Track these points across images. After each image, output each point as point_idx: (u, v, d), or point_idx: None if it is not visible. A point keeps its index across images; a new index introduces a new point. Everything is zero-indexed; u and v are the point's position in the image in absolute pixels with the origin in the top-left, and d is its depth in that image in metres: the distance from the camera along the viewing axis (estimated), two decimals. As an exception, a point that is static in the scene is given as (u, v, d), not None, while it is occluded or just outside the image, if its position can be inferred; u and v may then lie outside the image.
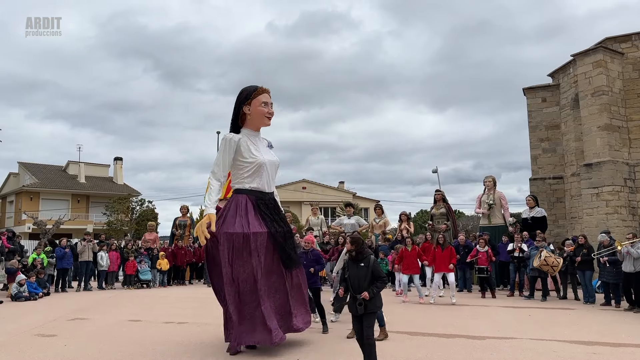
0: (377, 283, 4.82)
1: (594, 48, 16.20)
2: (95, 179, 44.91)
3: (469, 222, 38.82)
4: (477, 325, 7.76)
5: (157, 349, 6.02)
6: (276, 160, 5.97)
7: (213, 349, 6.00)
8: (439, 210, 14.37)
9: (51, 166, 45.27)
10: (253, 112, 5.80)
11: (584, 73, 16.25)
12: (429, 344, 6.34)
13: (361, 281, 4.81)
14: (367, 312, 4.72)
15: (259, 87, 5.89)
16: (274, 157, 5.96)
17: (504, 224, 13.60)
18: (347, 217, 13.02)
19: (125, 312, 9.44)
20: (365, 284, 4.78)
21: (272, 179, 5.83)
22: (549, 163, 19.08)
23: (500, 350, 6.01)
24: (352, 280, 4.89)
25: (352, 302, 4.83)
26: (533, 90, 19.58)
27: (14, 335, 7.06)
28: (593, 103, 15.89)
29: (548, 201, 18.42)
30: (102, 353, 5.86)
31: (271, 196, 5.83)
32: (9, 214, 43.30)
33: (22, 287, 11.41)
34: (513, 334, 6.92)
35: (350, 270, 4.95)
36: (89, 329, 7.57)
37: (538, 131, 19.31)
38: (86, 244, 13.90)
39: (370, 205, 39.25)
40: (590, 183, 15.61)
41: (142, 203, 39.00)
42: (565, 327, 7.63)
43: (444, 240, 10.81)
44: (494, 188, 14.10)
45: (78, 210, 40.70)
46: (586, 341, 6.53)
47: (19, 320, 8.42)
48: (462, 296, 11.74)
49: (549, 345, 6.24)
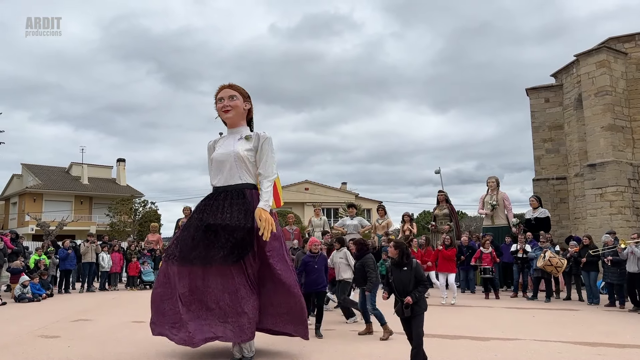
0: (420, 287, 4.96)
1: (597, 48, 16.16)
2: (98, 181, 44.99)
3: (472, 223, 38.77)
4: (480, 326, 7.74)
5: (160, 351, 6.02)
6: (230, 152, 5.52)
7: (215, 351, 5.99)
8: (442, 211, 14.33)
9: (54, 167, 45.37)
10: (217, 111, 5.83)
11: (587, 73, 16.21)
12: (432, 344, 6.30)
13: (405, 285, 4.95)
14: (415, 315, 4.88)
15: (220, 85, 5.86)
16: (230, 149, 5.55)
17: (507, 225, 13.55)
18: (350, 218, 12.97)
19: (129, 313, 9.44)
20: (410, 288, 4.93)
21: (232, 169, 5.52)
22: (552, 163, 19.03)
23: (504, 351, 5.98)
24: (396, 284, 5.03)
25: (399, 305, 4.96)
26: (536, 90, 19.54)
27: (18, 336, 7.07)
28: (596, 103, 15.84)
29: (551, 202, 18.37)
30: (105, 354, 5.86)
31: (229, 188, 5.52)
32: (12, 215, 43.38)
33: (25, 289, 11.43)
34: (517, 335, 6.89)
35: (394, 274, 5.09)
36: (92, 330, 7.57)
37: (541, 132, 19.27)
38: (89, 245, 13.92)
39: (373, 206, 39.21)
40: (594, 183, 15.57)
41: (145, 204, 39.00)
42: (570, 328, 7.60)
43: (450, 242, 10.75)
44: (497, 189, 14.06)
45: (81, 211, 40.78)
46: (591, 342, 6.50)
47: (22, 322, 8.43)
48: (466, 297, 11.71)
49: (553, 346, 6.21)
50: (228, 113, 5.67)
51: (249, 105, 5.91)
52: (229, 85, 5.77)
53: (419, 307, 4.90)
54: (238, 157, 5.51)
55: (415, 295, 4.86)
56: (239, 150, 5.53)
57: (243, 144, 5.62)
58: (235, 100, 5.68)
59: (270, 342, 6.24)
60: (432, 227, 14.26)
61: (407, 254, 5.13)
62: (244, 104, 5.80)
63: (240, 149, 5.54)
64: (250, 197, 5.49)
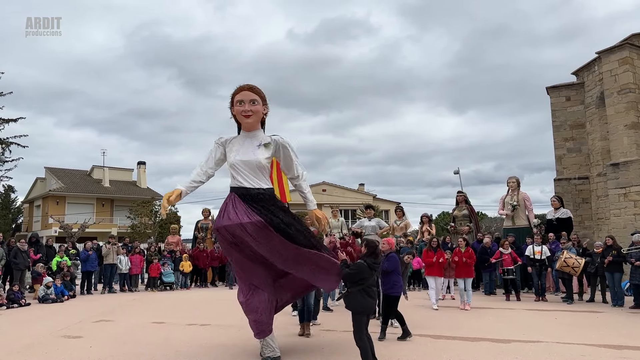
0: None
1: (620, 45, 15.83)
2: (119, 183, 45.67)
3: (492, 224, 38.26)
4: (501, 328, 7.63)
5: (180, 351, 6.07)
6: (252, 160, 5.54)
7: (236, 351, 6.02)
8: (462, 211, 14.19)
9: (76, 171, 46.20)
10: (235, 113, 5.73)
11: (610, 70, 15.89)
12: (452, 347, 6.25)
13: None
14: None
15: (239, 86, 5.73)
16: (251, 157, 5.57)
17: (528, 226, 13.35)
18: (368, 219, 12.91)
19: (149, 314, 9.54)
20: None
21: (251, 176, 5.54)
22: (574, 163, 18.69)
23: (525, 353, 5.88)
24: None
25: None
26: (557, 89, 19.22)
27: (41, 336, 7.20)
28: (619, 101, 15.52)
29: (573, 202, 18.04)
30: (126, 355, 5.93)
31: (258, 191, 5.54)
32: (36, 217, 44.30)
33: (49, 290, 11.64)
34: (539, 338, 6.78)
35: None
36: (114, 330, 7.67)
37: (562, 131, 18.94)
38: (110, 247, 14.12)
39: (391, 208, 39.01)
40: (617, 183, 15.24)
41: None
42: (593, 331, 7.44)
43: (466, 244, 10.45)
44: (517, 189, 13.85)
45: (102, 214, 41.45)
46: (615, 345, 6.35)
47: (45, 322, 8.58)
48: (487, 299, 11.56)
49: (576, 349, 6.09)
50: (249, 118, 5.59)
51: (267, 109, 5.82)
52: (249, 88, 5.63)
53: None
54: (260, 166, 5.56)
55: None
56: (261, 159, 5.55)
57: (263, 152, 5.59)
58: (257, 105, 5.59)
59: (291, 343, 6.25)
60: (451, 228, 14.13)
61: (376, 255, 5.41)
62: (264, 108, 5.72)
63: (261, 158, 5.56)
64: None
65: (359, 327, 5.07)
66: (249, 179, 5.55)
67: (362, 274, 5.16)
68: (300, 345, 6.36)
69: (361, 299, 5.12)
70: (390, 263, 6.84)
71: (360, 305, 5.12)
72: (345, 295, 5.21)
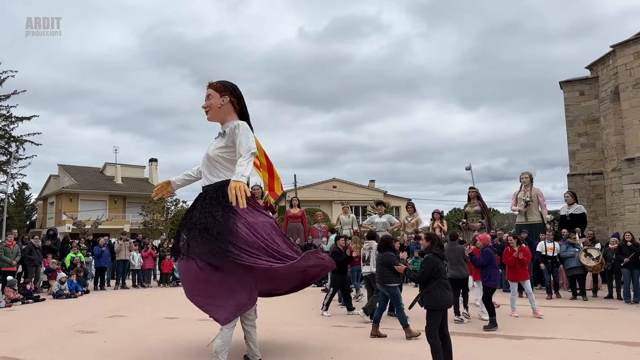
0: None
1: (635, 38, 15.60)
2: (131, 180, 45.97)
3: (504, 220, 37.97)
4: (515, 324, 7.57)
5: (192, 346, 6.10)
6: (206, 154, 5.45)
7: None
8: (473, 207, 14.05)
9: (89, 168, 46.57)
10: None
11: (625, 64, 15.67)
12: (465, 343, 6.21)
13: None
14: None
15: None
16: (206, 151, 5.48)
17: (541, 222, 13.19)
18: (378, 215, 12.85)
19: (161, 309, 9.61)
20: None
21: (206, 171, 5.44)
22: (587, 158, 18.48)
23: (539, 350, 5.83)
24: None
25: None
26: (570, 83, 18.99)
27: (56, 331, 7.28)
28: (634, 95, 15.30)
29: (587, 198, 17.85)
30: (139, 350, 5.97)
31: (207, 188, 5.38)
32: (50, 214, 44.76)
33: (62, 285, 11.76)
34: (553, 334, 6.71)
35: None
36: (127, 326, 7.73)
37: (576, 125, 18.72)
38: (123, 244, 14.23)
39: (402, 204, 38.86)
40: (632, 178, 15.04)
41: (176, 203, 39.69)
42: (608, 327, 7.35)
43: (517, 240, 9.17)
44: (530, 185, 13.68)
45: (115, 210, 41.75)
46: (631, 342, 6.27)
47: (60, 318, 8.68)
48: (500, 295, 11.46)
49: (591, 346, 6.02)
50: (207, 114, 5.57)
51: (227, 98, 5.50)
52: (208, 85, 5.60)
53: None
54: (210, 159, 5.39)
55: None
56: (209, 151, 5.41)
57: (218, 143, 5.43)
58: (210, 100, 5.51)
59: (300, 339, 6.25)
60: (463, 224, 14.02)
61: (440, 245, 5.29)
62: (221, 100, 5.48)
63: (211, 150, 5.41)
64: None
65: (434, 323, 4.94)
66: (205, 175, 5.48)
67: (437, 265, 5.08)
68: (310, 340, 6.36)
69: (442, 293, 4.98)
70: (485, 257, 7.55)
71: (442, 299, 4.98)
72: (421, 296, 5.04)
